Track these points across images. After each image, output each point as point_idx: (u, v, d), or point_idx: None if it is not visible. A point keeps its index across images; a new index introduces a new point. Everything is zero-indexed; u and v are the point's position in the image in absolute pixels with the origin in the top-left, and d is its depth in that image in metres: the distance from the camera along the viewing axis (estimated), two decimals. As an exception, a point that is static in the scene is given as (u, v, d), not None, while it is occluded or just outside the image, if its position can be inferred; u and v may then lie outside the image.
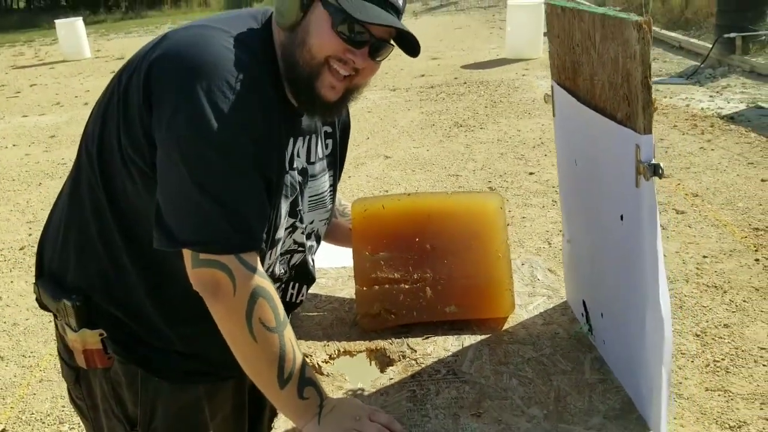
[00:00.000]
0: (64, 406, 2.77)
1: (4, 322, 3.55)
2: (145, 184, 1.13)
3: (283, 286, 1.39)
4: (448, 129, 6.57)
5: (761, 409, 2.52)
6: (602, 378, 1.26)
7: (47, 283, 1.28)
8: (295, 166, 1.25)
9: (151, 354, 1.25)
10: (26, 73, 11.99)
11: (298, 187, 1.26)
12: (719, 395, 2.61)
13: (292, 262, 1.37)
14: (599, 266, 1.26)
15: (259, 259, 1.11)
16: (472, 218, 1.47)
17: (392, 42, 1.16)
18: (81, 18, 13.58)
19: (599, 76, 1.08)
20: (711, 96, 7.13)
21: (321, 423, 1.12)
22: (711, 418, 2.50)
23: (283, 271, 1.34)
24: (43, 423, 2.72)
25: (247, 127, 1.08)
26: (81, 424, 2.64)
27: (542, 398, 1.21)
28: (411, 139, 6.33)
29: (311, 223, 1.37)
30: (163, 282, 1.21)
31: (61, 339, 1.31)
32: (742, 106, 6.56)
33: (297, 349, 1.12)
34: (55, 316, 1.29)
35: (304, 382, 1.12)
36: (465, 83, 8.53)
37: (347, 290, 1.62)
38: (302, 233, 1.33)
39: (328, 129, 1.38)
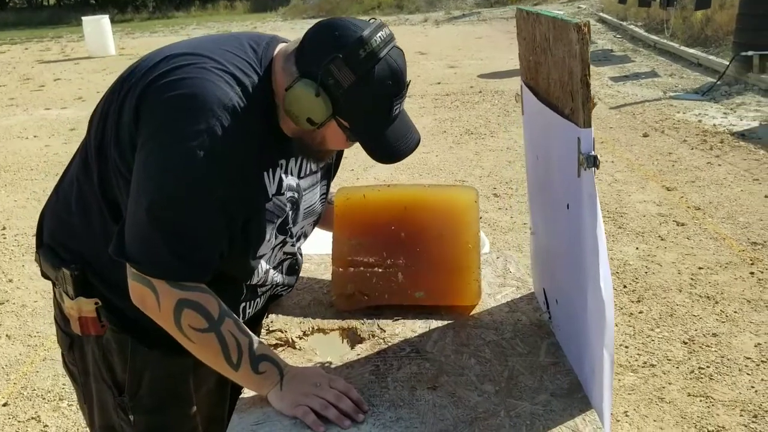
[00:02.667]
0: (65, 384, 2.88)
1: (14, 304, 3.68)
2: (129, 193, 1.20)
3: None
4: (459, 136, 6.65)
5: (741, 415, 2.57)
6: (555, 361, 1.33)
7: (47, 252, 1.36)
8: (284, 189, 1.31)
9: (140, 327, 1.33)
10: (51, 67, 12.26)
11: (287, 208, 1.34)
12: (701, 401, 2.66)
13: (285, 268, 1.47)
14: (554, 254, 1.34)
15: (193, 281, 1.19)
16: (446, 210, 1.55)
17: None
18: (107, 16, 13.86)
19: (553, 75, 1.16)
20: (725, 113, 7.14)
21: (283, 389, 1.21)
22: (690, 423, 2.56)
23: (279, 280, 1.45)
24: (44, 399, 2.83)
25: (215, 167, 1.13)
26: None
27: (496, 376, 1.29)
28: (421, 144, 6.26)
29: (301, 228, 1.46)
30: None
31: (58, 306, 1.40)
32: (755, 124, 6.57)
33: (240, 335, 1.21)
34: (54, 284, 1.38)
35: (257, 359, 1.21)
36: (480, 92, 8.60)
37: (328, 275, 1.70)
38: (292, 246, 1.43)
39: None
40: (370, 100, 1.16)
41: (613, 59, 10.65)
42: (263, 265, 1.36)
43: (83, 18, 13.62)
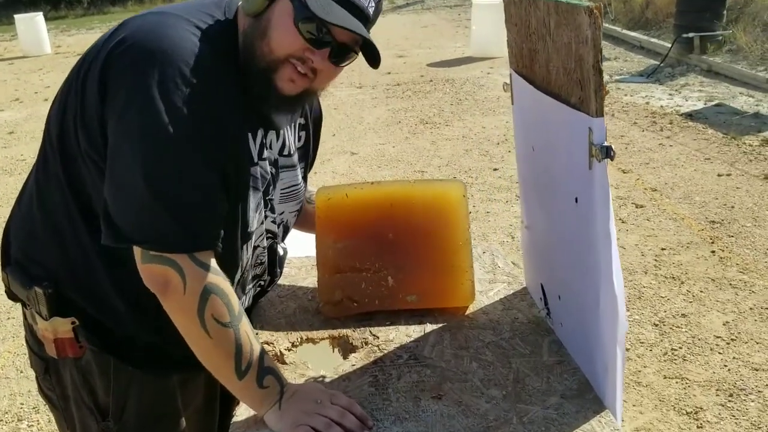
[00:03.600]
0: (22, 404, 2.73)
1: (-39, 321, 3.48)
2: (103, 181, 1.10)
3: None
4: (414, 126, 6.59)
5: (717, 395, 2.59)
6: (560, 360, 1.29)
7: (16, 271, 1.25)
8: (265, 156, 1.23)
9: (122, 344, 1.24)
10: (-17, 69, 11.71)
11: (269, 178, 1.26)
12: (677, 382, 2.68)
13: (267, 250, 1.36)
14: (556, 249, 1.29)
15: (213, 257, 1.10)
16: (434, 207, 1.48)
17: (356, 50, 1.14)
18: (41, 13, 13.30)
19: (554, 62, 1.10)
20: (670, 94, 7.27)
21: (282, 408, 1.12)
22: (669, 405, 2.57)
23: (264, 259, 1.35)
24: (1, 421, 2.67)
25: (200, 122, 1.06)
26: (39, 421, 2.62)
27: (501, 380, 1.23)
28: (377, 135, 6.34)
29: (281, 213, 1.36)
30: (128, 273, 1.19)
31: (29, 329, 1.29)
32: (700, 104, 6.71)
33: (254, 340, 1.12)
34: (24, 305, 1.26)
35: (264, 371, 1.12)
36: (431, 81, 8.57)
37: (310, 279, 1.62)
38: (273, 222, 1.33)
39: (302, 121, 1.38)
40: None
41: (559, 44, 10.74)
42: (250, 243, 1.26)
43: (16, 16, 13.03)
